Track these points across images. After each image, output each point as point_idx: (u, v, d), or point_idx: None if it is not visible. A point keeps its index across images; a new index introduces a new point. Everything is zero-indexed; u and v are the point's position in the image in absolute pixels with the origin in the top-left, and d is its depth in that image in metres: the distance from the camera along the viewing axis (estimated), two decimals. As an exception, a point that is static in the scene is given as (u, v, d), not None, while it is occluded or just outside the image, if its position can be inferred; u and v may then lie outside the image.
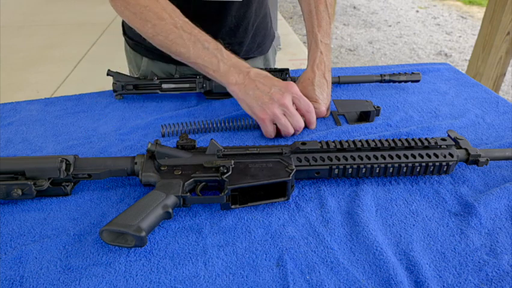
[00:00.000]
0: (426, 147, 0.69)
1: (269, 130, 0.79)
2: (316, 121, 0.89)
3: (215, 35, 1.01)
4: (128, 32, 1.10)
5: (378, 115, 0.90)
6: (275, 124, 0.79)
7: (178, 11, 0.82)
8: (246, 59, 1.11)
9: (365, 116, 0.90)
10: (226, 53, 0.80)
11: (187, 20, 0.81)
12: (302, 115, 0.80)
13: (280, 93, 0.75)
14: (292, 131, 0.79)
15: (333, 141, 0.69)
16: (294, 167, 0.65)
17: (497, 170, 0.73)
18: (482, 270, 0.54)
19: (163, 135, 0.83)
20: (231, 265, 0.54)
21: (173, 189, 0.61)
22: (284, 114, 0.77)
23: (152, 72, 0.99)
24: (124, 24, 1.10)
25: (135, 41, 1.07)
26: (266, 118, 0.77)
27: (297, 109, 0.79)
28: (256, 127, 0.86)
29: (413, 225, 0.61)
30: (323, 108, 0.88)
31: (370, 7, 5.88)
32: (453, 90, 1.04)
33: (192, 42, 0.78)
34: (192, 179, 0.64)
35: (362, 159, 0.67)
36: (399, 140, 0.69)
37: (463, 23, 5.14)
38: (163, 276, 0.53)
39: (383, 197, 0.67)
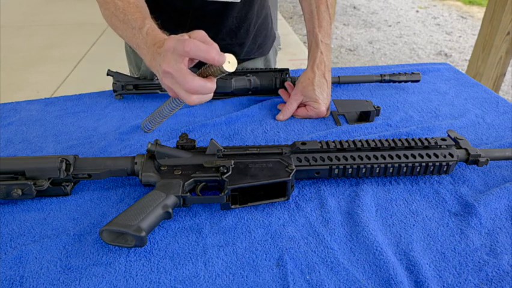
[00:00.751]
0: (426, 147, 0.69)
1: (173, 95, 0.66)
2: (316, 121, 0.89)
3: (215, 36, 1.01)
4: None
5: (378, 115, 0.90)
6: None
7: None
8: (246, 59, 1.11)
9: (365, 116, 0.90)
10: (148, 30, 0.67)
11: (133, 1, 0.73)
12: None
13: (162, 59, 0.60)
14: (190, 99, 0.61)
15: (333, 141, 0.69)
16: (294, 167, 0.65)
17: (497, 170, 0.73)
18: (482, 270, 0.54)
19: (145, 129, 0.83)
20: (231, 265, 0.54)
21: (173, 189, 0.61)
22: (177, 82, 0.60)
23: (152, 72, 0.99)
24: None
25: None
26: (168, 91, 0.64)
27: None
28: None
29: (413, 225, 0.61)
30: (323, 108, 0.88)
31: (370, 7, 5.88)
32: (453, 90, 1.04)
33: (124, 24, 0.70)
34: (192, 179, 0.64)
35: (362, 159, 0.67)
36: (399, 140, 0.69)
37: (463, 23, 5.14)
38: (163, 276, 0.53)
39: (383, 197, 0.67)
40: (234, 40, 1.04)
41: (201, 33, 0.62)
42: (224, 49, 1.08)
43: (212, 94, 0.64)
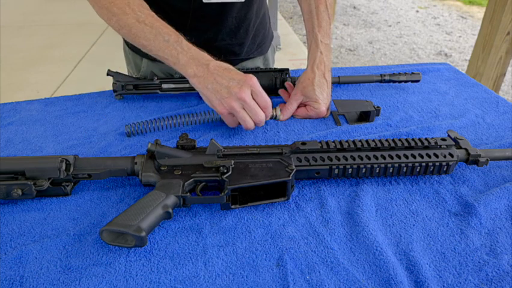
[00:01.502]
0: (426, 147, 0.69)
1: (230, 122, 0.80)
2: (316, 121, 0.89)
3: (215, 36, 1.01)
4: None
5: (378, 115, 0.90)
6: None
7: (144, 5, 0.82)
8: (245, 59, 1.11)
9: (365, 116, 0.90)
10: (187, 45, 0.79)
11: (152, 13, 0.81)
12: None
13: (238, 87, 0.74)
14: (251, 124, 0.77)
15: (333, 141, 0.69)
16: (294, 167, 0.65)
17: (497, 170, 0.73)
18: (482, 270, 0.54)
19: (128, 135, 0.83)
20: (231, 265, 0.54)
21: (173, 189, 0.61)
22: (243, 108, 0.76)
23: (152, 72, 0.99)
24: None
25: None
26: (225, 112, 0.76)
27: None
28: (220, 120, 0.86)
29: (413, 225, 0.61)
30: (323, 108, 0.88)
31: (370, 7, 5.88)
32: (453, 90, 1.04)
33: (153, 35, 0.78)
34: (192, 179, 0.64)
35: (362, 159, 0.67)
36: (399, 140, 0.69)
37: (463, 23, 5.14)
38: (163, 276, 0.53)
39: (383, 197, 0.67)
40: (234, 40, 1.04)
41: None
42: (224, 49, 1.08)
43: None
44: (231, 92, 0.74)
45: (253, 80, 0.75)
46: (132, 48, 1.09)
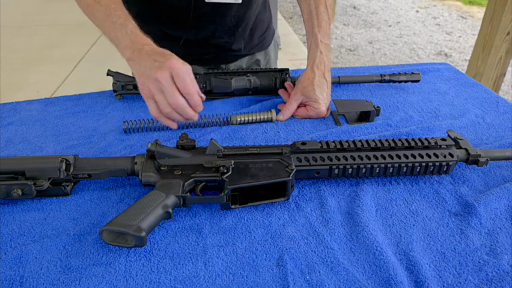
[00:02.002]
0: (426, 147, 0.69)
1: (151, 108, 0.73)
2: (316, 121, 0.89)
3: (213, 34, 1.01)
4: None
5: (378, 115, 0.90)
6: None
7: None
8: (245, 55, 1.11)
9: (365, 116, 0.90)
10: (132, 29, 0.75)
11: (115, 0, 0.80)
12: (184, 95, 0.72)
13: (157, 68, 0.69)
14: (167, 109, 0.71)
15: (333, 141, 0.69)
16: (294, 167, 0.65)
17: (497, 170, 0.73)
18: (482, 270, 0.54)
19: (126, 131, 0.84)
20: (231, 265, 0.54)
21: (173, 189, 0.61)
22: (161, 90, 0.70)
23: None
24: None
25: None
26: (145, 95, 0.72)
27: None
28: (219, 125, 0.87)
29: (413, 225, 0.61)
30: (323, 108, 0.88)
31: (370, 7, 5.88)
32: (453, 90, 1.04)
33: (104, 15, 0.78)
34: (192, 179, 0.64)
35: (362, 159, 0.67)
36: (399, 140, 0.69)
37: (463, 23, 5.14)
38: (163, 276, 0.53)
39: (383, 197, 0.67)
40: (232, 38, 1.04)
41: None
42: (223, 47, 1.08)
43: (176, 125, 0.75)
44: (150, 73, 0.70)
45: (174, 62, 0.69)
46: None
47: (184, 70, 0.70)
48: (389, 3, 6.07)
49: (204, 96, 0.74)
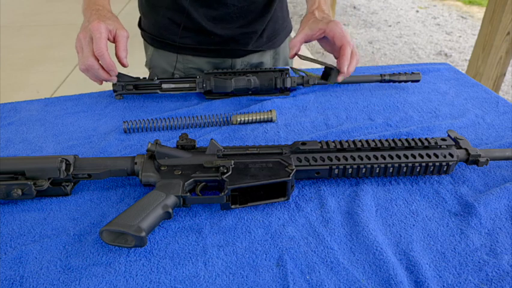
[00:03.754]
0: (426, 147, 0.69)
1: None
2: (317, 121, 0.88)
3: (217, 25, 1.02)
4: (142, 24, 1.14)
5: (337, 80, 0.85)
6: None
7: None
8: (254, 51, 1.11)
9: (326, 74, 0.86)
10: (99, 10, 0.83)
11: None
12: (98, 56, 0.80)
13: (84, 28, 0.79)
14: (83, 66, 0.80)
15: (333, 141, 0.69)
16: (294, 167, 0.65)
17: (497, 170, 0.73)
18: (482, 270, 0.54)
19: (125, 131, 0.84)
20: (231, 265, 0.54)
21: (173, 189, 0.61)
22: (82, 49, 0.79)
23: (153, 72, 0.99)
24: (140, 17, 1.15)
25: (144, 31, 1.13)
26: (76, 48, 0.81)
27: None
28: (219, 124, 0.87)
29: (413, 225, 0.61)
30: (340, 25, 0.82)
31: (370, 7, 5.88)
32: (453, 90, 1.04)
33: None
34: (192, 179, 0.64)
35: (362, 159, 0.67)
36: (399, 140, 0.69)
37: (463, 23, 5.14)
38: (163, 276, 0.53)
39: (383, 197, 0.67)
40: (239, 30, 1.04)
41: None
42: (231, 38, 1.11)
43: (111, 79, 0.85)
44: (80, 31, 0.80)
45: (95, 24, 0.77)
46: (144, 37, 1.14)
47: (100, 33, 0.77)
48: (389, 3, 6.07)
49: (126, 64, 0.83)
